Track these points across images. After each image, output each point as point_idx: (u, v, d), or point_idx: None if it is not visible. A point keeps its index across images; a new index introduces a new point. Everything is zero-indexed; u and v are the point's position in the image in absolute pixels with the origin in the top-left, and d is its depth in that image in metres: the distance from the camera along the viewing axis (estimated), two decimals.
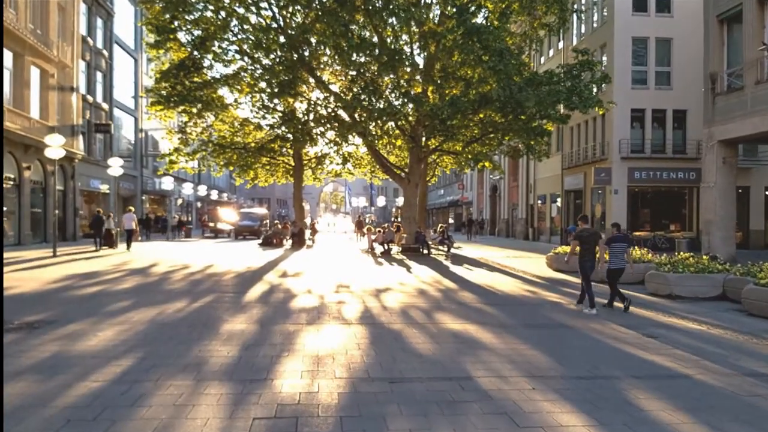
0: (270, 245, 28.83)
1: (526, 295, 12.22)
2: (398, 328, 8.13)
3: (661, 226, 28.27)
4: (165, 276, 14.40)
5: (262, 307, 9.85)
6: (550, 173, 34.60)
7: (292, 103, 23.23)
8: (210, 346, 6.87)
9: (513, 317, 9.30)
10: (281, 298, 10.88)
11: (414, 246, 23.56)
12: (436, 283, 14.06)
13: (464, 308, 10.16)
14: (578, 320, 9.19)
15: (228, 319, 8.58)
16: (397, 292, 12.13)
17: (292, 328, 8.06)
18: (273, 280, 13.99)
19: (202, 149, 29.31)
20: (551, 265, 17.32)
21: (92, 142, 34.70)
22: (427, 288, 12.94)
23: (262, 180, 34.81)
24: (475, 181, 53.70)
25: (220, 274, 15.18)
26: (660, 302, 11.36)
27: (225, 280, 13.75)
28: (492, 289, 13.00)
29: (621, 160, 26.99)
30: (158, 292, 11.44)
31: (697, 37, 27.33)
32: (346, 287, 12.68)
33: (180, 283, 13.09)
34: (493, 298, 11.70)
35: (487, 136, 22.01)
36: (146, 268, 16.40)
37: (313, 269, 16.86)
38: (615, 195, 27.03)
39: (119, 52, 39.75)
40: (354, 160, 33.08)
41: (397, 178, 25.03)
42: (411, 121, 22.30)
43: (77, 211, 32.09)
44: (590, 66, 20.61)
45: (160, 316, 8.78)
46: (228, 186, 70.13)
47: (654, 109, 27.38)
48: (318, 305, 10.10)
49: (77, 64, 31.61)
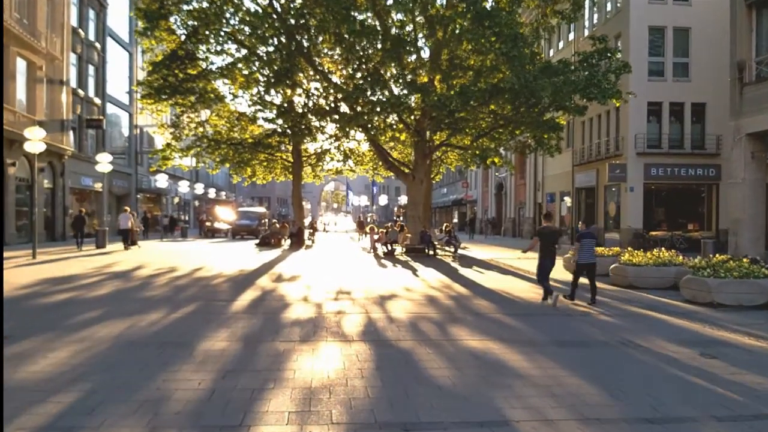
0: (267, 246, 27.55)
1: (550, 303, 10.89)
2: (408, 347, 6.83)
3: (678, 225, 26.91)
4: (148, 280, 13.11)
5: (249, 318, 8.55)
6: (559, 170, 33.26)
7: (290, 95, 21.91)
8: (179, 374, 5.58)
9: (540, 332, 7.99)
10: (273, 308, 9.58)
11: (419, 246, 22.25)
12: (446, 288, 12.75)
13: (482, 320, 8.86)
14: (617, 335, 7.88)
15: (208, 336, 7.28)
16: (403, 299, 10.83)
17: (282, 347, 6.76)
18: (266, 284, 12.69)
19: (197, 145, 28.05)
20: (569, 267, 15.96)
21: (84, 138, 33.43)
22: (436, 294, 11.64)
23: (260, 177, 33.53)
24: (479, 179, 52.35)
25: (209, 278, 13.89)
26: (701, 311, 10.03)
27: (213, 286, 12.46)
28: (509, 296, 11.70)
29: (637, 156, 25.65)
30: (135, 300, 10.15)
31: (717, 26, 26.05)
32: (346, 294, 11.39)
33: (162, 289, 11.79)
34: (512, 306, 10.39)
35: (496, 129, 20.67)
36: (130, 271, 15.12)
37: (311, 272, 15.57)
38: (630, 192, 25.69)
39: (113, 46, 38.49)
40: (355, 157, 31.87)
41: (401, 175, 23.71)
42: (416, 113, 20.99)
43: (67, 209, 30.81)
44: (608, 54, 19.32)
45: (129, 331, 7.49)
46: (227, 184, 68.88)
47: (672, 102, 26.03)
48: (314, 316, 8.80)
49: (67, 56, 30.33)
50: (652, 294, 12.02)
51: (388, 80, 18.47)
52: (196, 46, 22.37)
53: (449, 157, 29.88)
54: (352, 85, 17.98)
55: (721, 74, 25.81)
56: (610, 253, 15.73)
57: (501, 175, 45.45)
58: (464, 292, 12.04)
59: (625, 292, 12.28)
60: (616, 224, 27.31)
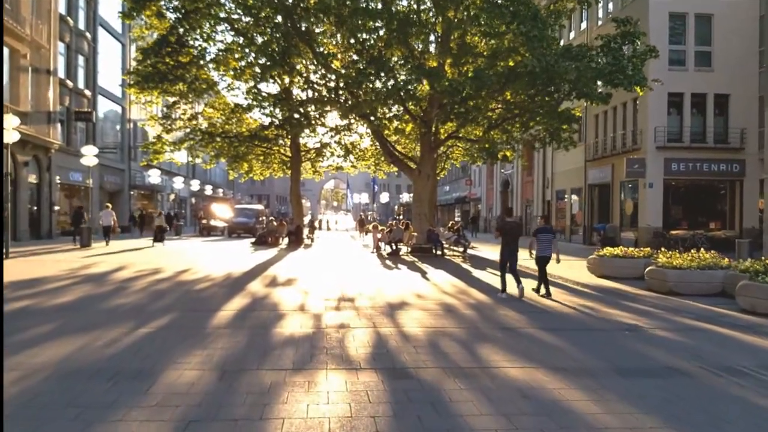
0: (264, 245, 26.01)
1: (586, 313, 9.37)
2: (433, 379, 5.30)
3: (698, 224, 25.34)
4: (124, 284, 11.57)
5: (233, 335, 7.02)
6: (570, 166, 31.68)
7: (287, 82, 20.33)
8: (122, 426, 4.05)
9: (593, 354, 6.45)
10: (263, 320, 8.06)
11: (425, 246, 20.69)
12: (462, 294, 11.22)
13: (514, 336, 7.33)
14: (686, 357, 6.35)
15: (177, 361, 5.76)
16: (415, 308, 9.31)
17: (268, 378, 5.23)
18: (258, 290, 11.16)
19: (190, 138, 26.54)
20: (595, 270, 14.47)
21: (72, 132, 31.85)
22: (453, 302, 10.11)
23: (257, 173, 31.99)
24: (484, 175, 50.80)
25: (194, 281, 12.36)
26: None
27: (196, 292, 10.93)
28: (536, 304, 10.17)
29: (656, 150, 24.08)
30: (100, 311, 8.60)
31: (741, 12, 24.52)
32: (349, 301, 9.86)
33: (136, 295, 10.25)
34: (545, 318, 8.86)
35: (510, 120, 19.08)
36: (107, 273, 13.57)
37: (309, 275, 14.04)
38: (649, 189, 24.13)
39: (105, 36, 36.92)
40: (357, 152, 30.40)
41: (406, 170, 22.17)
42: (423, 103, 19.43)
43: (53, 206, 29.26)
44: (633, 38, 17.78)
45: (79, 355, 5.97)
46: (225, 181, 67.30)
47: (693, 93, 24.43)
48: (312, 332, 7.27)
49: (55, 45, 28.77)
50: (698, 301, 10.50)
51: (393, 65, 16.86)
52: (187, 31, 20.85)
53: (454, 152, 28.34)
54: (354, 71, 16.36)
55: (746, 64, 24.31)
56: (640, 254, 14.21)
57: (507, 171, 43.91)
58: (484, 300, 10.51)
59: (667, 299, 10.76)
60: (632, 223, 25.76)
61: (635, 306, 10.15)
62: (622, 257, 14.10)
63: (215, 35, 21.79)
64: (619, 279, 13.65)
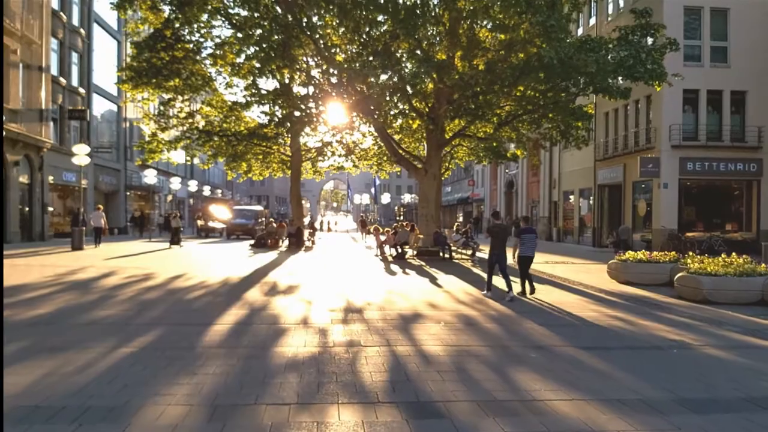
0: (263, 247, 25.07)
1: (621, 326, 8.44)
2: (467, 419, 4.35)
3: (713, 225, 24.43)
4: (110, 293, 10.63)
5: (227, 357, 6.09)
6: (578, 166, 30.78)
7: (287, 75, 19.36)
8: None
9: (648, 381, 5.50)
10: (261, 337, 7.12)
11: (432, 249, 19.75)
12: (479, 303, 10.28)
13: (551, 357, 6.40)
14: (757, 384, 5.43)
15: (158, 393, 4.82)
16: (432, 320, 8.37)
17: (269, 417, 4.29)
18: (256, 299, 10.22)
19: (186, 137, 25.60)
20: (618, 275, 13.54)
21: (66, 131, 30.93)
22: (471, 313, 9.17)
23: (256, 173, 31.04)
24: (487, 176, 49.87)
25: (187, 289, 11.43)
26: None
27: (188, 302, 9.99)
28: (564, 315, 9.24)
29: (671, 149, 23.18)
30: (79, 325, 7.66)
31: (758, 7, 23.65)
32: (357, 312, 8.93)
33: (122, 306, 9.30)
34: (578, 334, 7.93)
35: (521, 116, 18.13)
36: (94, 279, 12.63)
37: (312, 281, 13.10)
38: (664, 189, 23.22)
39: (100, 33, 36.04)
40: (359, 152, 29.52)
41: (411, 169, 21.23)
42: (430, 99, 18.49)
43: (46, 207, 28.32)
44: (652, 31, 16.89)
45: (42, 385, 5.02)
46: (223, 182, 66.38)
47: (709, 90, 23.55)
48: (318, 352, 6.34)
49: (47, 41, 27.88)
50: (737, 311, 9.60)
51: (400, 58, 15.87)
52: (183, 25, 19.94)
53: (459, 151, 27.40)
54: (359, 64, 15.39)
55: (763, 60, 23.38)
56: (666, 258, 13.28)
57: (511, 172, 43.01)
58: (504, 311, 9.57)
59: (703, 309, 9.85)
60: (646, 224, 24.85)
61: (671, 317, 9.22)
62: (647, 262, 13.18)
63: (212, 30, 20.88)
64: (644, 285, 12.75)
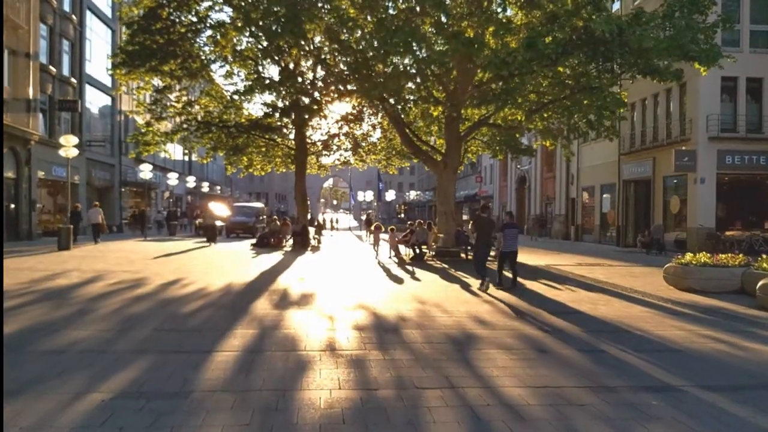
0: (266, 246, 23.31)
1: (729, 351, 6.68)
2: None
3: (750, 223, 22.71)
4: (89, 305, 8.85)
5: (234, 414, 4.30)
6: (600, 160, 29.03)
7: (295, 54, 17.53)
8: None
9: None
10: (279, 373, 5.35)
11: (453, 249, 18.00)
12: (536, 320, 8.52)
13: (680, 404, 4.63)
14: None
15: None
16: (490, 344, 6.61)
17: None
18: (266, 313, 8.46)
19: (183, 128, 23.85)
20: (678, 282, 11.79)
21: (56, 123, 29.12)
22: (532, 332, 7.41)
23: (257, 168, 29.23)
24: (496, 171, 48.14)
25: (183, 299, 9.66)
26: None
27: (183, 317, 8.22)
28: (647, 335, 7.48)
29: (708, 141, 21.45)
30: (38, 356, 5.88)
31: None
32: (392, 332, 7.18)
33: (101, 324, 7.53)
34: (685, 364, 6.15)
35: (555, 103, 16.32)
36: (75, 286, 10.86)
37: (327, 288, 11.35)
38: (701, 185, 21.48)
39: (93, 21, 34.24)
40: (367, 146, 27.80)
41: (429, 162, 19.46)
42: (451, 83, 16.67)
43: (34, 203, 26.54)
44: (703, 7, 15.13)
45: None
46: (222, 178, 64.59)
47: (749, 78, 21.83)
48: (359, 399, 4.58)
49: (35, 26, 26.11)
50: None
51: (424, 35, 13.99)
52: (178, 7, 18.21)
53: (471, 145, 25.57)
54: (378, 40, 13.52)
55: None
56: (735, 261, 11.54)
57: (524, 167, 41.24)
58: (572, 329, 7.81)
59: None
60: (679, 222, 23.12)
61: None
62: (713, 266, 11.44)
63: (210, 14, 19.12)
64: (710, 293, 11.02)
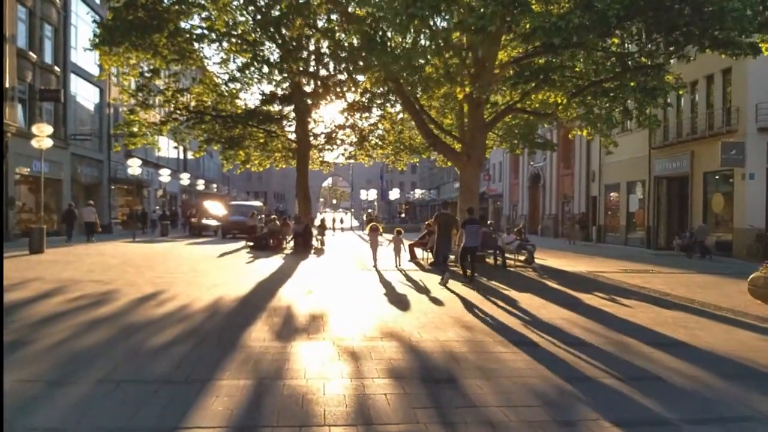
0: (264, 249, 21.07)
1: None
2: None
3: None
4: (28, 334, 6.58)
5: None
6: (626, 155, 26.79)
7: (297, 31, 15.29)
8: None
9: None
10: None
11: (479, 254, 15.77)
12: (621, 350, 6.30)
13: None
14: None
15: None
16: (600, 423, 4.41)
17: None
18: (264, 350, 6.20)
19: (174, 118, 21.64)
20: (757, 293, 9.58)
21: (37, 114, 26.82)
22: (638, 386, 5.21)
23: (255, 164, 27.01)
24: (506, 168, 45.92)
25: (154, 323, 7.41)
26: None
27: (147, 355, 5.94)
28: (753, 365, 5.27)
29: (758, 133, 19.27)
30: None
31: None
32: (450, 385, 4.96)
33: (28, 368, 5.25)
34: None
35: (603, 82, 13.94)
36: (28, 301, 8.59)
37: (341, 306, 9.10)
38: (749, 180, 19.30)
39: (80, 7, 31.95)
40: (373, 140, 25.70)
41: (450, 155, 17.22)
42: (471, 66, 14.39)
43: (12, 201, 24.29)
44: None
45: None
46: (219, 176, 62.33)
47: None
48: None
49: (11, 6, 23.91)
50: None
51: None
52: None
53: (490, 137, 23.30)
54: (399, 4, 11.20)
55: None
56: None
57: (537, 164, 39.01)
58: (681, 367, 5.58)
59: None
60: (719, 223, 20.94)
61: None
62: None
63: None
64: None
